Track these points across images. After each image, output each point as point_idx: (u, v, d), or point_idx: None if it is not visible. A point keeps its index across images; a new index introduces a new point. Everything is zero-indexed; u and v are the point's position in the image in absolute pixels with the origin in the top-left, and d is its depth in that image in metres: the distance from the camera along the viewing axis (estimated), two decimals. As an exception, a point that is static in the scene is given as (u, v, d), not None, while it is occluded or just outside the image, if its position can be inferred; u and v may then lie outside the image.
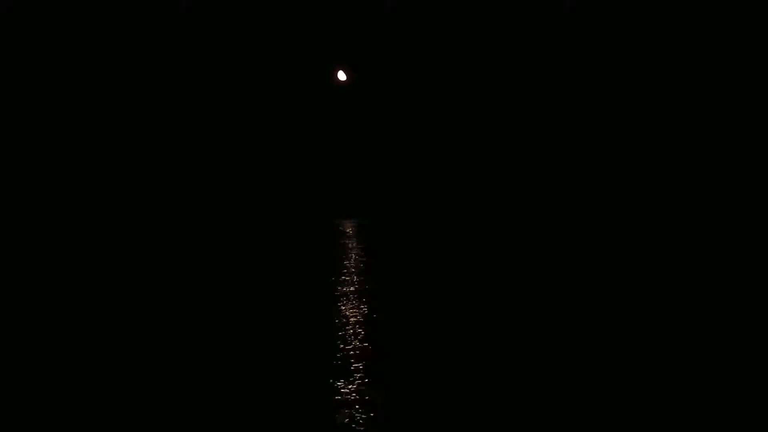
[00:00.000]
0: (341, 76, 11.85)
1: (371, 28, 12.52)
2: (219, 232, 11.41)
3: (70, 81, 13.22)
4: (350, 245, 9.31)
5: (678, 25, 12.38)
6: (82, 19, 13.18)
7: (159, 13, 13.23)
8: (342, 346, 4.26)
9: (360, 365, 3.89)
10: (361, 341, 4.36)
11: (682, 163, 12.45)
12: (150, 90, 13.32)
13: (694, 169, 12.30)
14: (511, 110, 13.39)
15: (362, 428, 3.03)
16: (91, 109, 13.26)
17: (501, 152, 13.53)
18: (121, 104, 13.27)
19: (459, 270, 6.82)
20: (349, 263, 7.59)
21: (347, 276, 6.74)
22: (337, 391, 3.50)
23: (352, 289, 6.05)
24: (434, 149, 13.81)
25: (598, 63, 13.10)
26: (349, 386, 3.57)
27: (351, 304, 5.43)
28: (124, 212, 13.11)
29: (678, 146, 12.55)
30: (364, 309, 5.26)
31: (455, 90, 13.50)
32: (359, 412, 3.21)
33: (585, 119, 13.13)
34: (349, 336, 4.49)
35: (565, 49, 13.22)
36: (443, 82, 13.41)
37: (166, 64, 13.36)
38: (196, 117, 13.38)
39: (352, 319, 4.97)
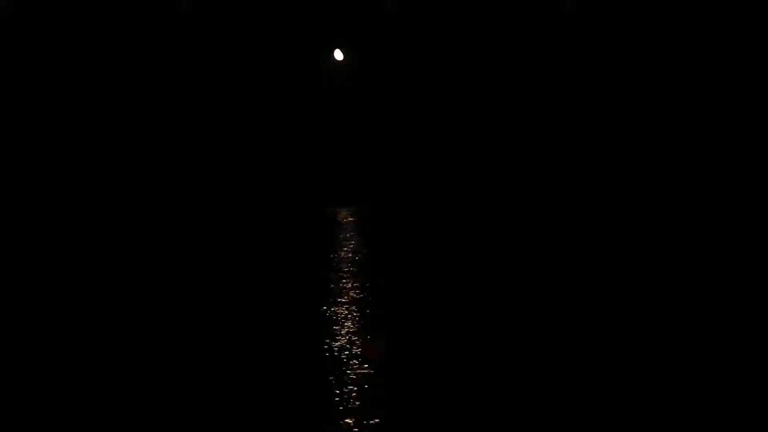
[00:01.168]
0: (338, 55, 11.37)
1: (370, 19, 12.25)
2: (208, 221, 11.16)
3: (71, 81, 13.20)
4: (347, 237, 9.09)
5: (678, 25, 12.35)
6: (82, 19, 13.16)
7: (159, 12, 13.20)
8: (336, 353, 4.23)
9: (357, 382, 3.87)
10: (357, 351, 4.34)
11: (682, 162, 12.43)
12: (150, 87, 13.29)
13: (694, 168, 12.28)
14: (510, 100, 13.35)
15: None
16: (91, 108, 13.24)
17: (501, 145, 13.44)
18: (121, 101, 13.24)
19: (461, 265, 6.79)
20: (346, 258, 7.48)
21: (342, 273, 6.68)
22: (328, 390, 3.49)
23: (348, 286, 6.01)
24: (435, 137, 13.43)
25: (598, 63, 13.08)
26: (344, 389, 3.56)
27: (345, 306, 5.41)
28: (109, 197, 12.70)
29: (678, 145, 12.53)
30: (361, 311, 5.23)
31: (456, 77, 13.21)
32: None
33: (583, 116, 13.11)
34: (344, 342, 4.47)
35: (565, 49, 13.19)
36: (444, 69, 13.11)
37: (166, 64, 13.33)
38: (190, 106, 13.26)
39: (347, 321, 4.95)
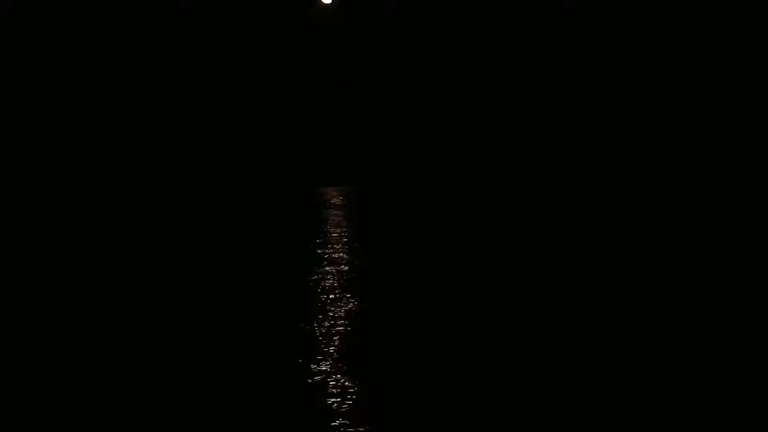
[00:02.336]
0: None
1: None
2: (186, 204, 10.43)
3: (71, 80, 13.22)
4: (334, 221, 8.79)
5: (679, 24, 12.31)
6: (82, 19, 13.18)
7: (159, 13, 13.22)
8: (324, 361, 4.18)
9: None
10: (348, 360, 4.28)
11: (682, 162, 12.38)
12: (148, 84, 13.31)
13: (695, 168, 12.22)
14: (506, 78, 13.29)
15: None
16: (91, 108, 13.26)
17: (496, 131, 13.25)
18: (119, 99, 13.26)
19: (458, 259, 6.72)
20: (334, 249, 7.38)
21: (328, 269, 6.63)
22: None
23: (336, 283, 5.96)
24: (432, 109, 12.69)
25: (598, 62, 13.04)
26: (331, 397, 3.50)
27: (335, 304, 5.35)
28: (101, 187, 12.50)
29: (679, 145, 12.48)
30: (353, 309, 5.18)
31: (455, 35, 12.50)
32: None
33: (583, 112, 13.07)
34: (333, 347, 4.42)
35: (564, 46, 13.17)
36: (443, 25, 12.30)
37: (165, 63, 13.35)
38: (187, 101, 13.19)
39: (337, 323, 4.89)
